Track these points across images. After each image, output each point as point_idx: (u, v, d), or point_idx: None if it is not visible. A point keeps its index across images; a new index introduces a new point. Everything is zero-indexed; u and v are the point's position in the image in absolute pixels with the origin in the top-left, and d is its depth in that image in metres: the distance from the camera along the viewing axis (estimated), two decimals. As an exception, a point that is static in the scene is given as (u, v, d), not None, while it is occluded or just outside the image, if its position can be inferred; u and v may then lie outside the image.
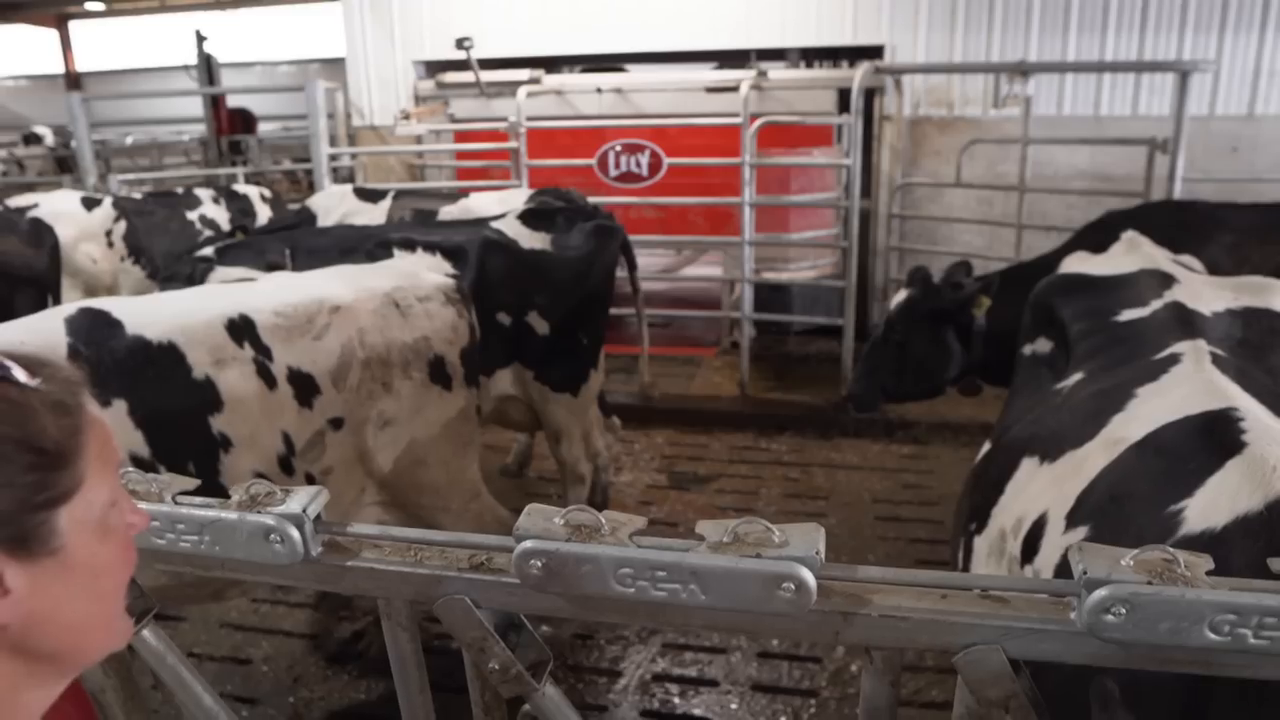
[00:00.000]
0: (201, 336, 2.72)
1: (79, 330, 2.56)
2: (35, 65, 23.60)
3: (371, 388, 3.02)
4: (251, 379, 2.77)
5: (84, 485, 0.84)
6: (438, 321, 3.30)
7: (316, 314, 2.95)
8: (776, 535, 1.17)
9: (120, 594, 0.91)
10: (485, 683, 1.36)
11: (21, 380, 0.80)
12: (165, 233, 7.36)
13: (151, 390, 2.59)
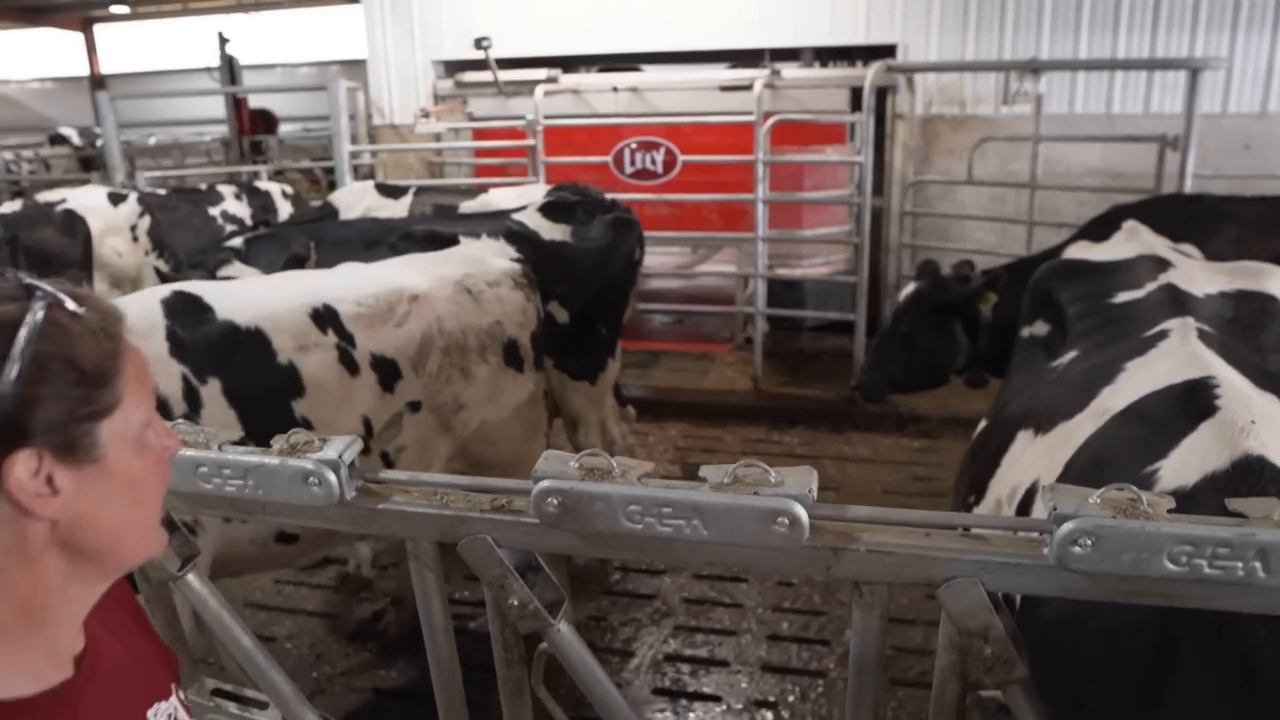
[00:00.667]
0: (286, 323, 2.84)
1: (175, 312, 2.69)
2: (61, 68, 23.91)
3: (450, 373, 3.14)
4: (333, 365, 2.88)
5: (122, 404, 0.94)
6: (509, 305, 3.40)
7: (397, 302, 3.06)
8: (773, 476, 1.27)
9: (155, 504, 1.02)
10: (505, 620, 1.48)
11: (70, 308, 0.92)
12: (188, 228, 7.53)
13: (241, 373, 2.71)
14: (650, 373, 8.03)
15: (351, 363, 2.94)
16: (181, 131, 16.66)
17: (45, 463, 0.88)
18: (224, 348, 2.72)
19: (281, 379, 2.79)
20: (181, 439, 1.51)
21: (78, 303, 0.92)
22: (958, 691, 1.38)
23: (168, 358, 2.63)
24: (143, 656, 1.13)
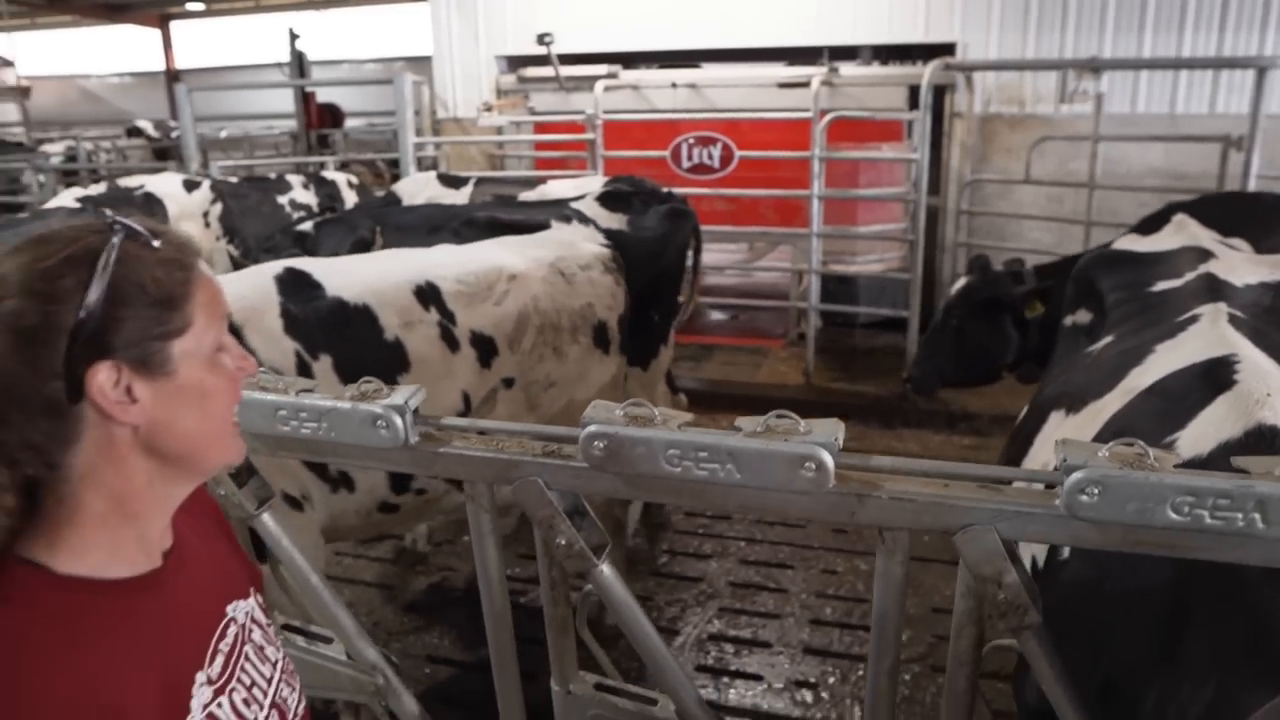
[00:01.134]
0: (392, 300, 2.93)
1: (288, 288, 2.80)
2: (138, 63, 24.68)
3: (543, 351, 3.24)
4: (435, 341, 2.97)
5: (192, 326, 1.05)
6: (599, 288, 3.52)
7: (496, 281, 3.17)
8: (802, 426, 1.38)
9: (225, 417, 1.12)
10: (553, 559, 1.60)
11: (146, 240, 1.04)
12: (258, 215, 7.80)
13: (350, 348, 2.81)
14: (704, 365, 8.13)
15: (452, 339, 3.02)
16: (251, 125, 17.12)
17: (124, 374, 1.01)
18: (333, 323, 2.81)
19: (387, 354, 2.87)
20: (262, 385, 1.67)
21: (154, 236, 1.05)
22: (974, 637, 1.47)
23: (281, 334, 2.72)
24: (224, 559, 1.26)
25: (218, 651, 1.11)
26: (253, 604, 1.24)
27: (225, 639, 1.13)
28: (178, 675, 1.05)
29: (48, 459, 1.01)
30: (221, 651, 1.11)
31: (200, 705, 1.05)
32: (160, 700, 1.01)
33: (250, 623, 1.20)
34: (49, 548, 1.02)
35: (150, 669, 1.01)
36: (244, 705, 1.11)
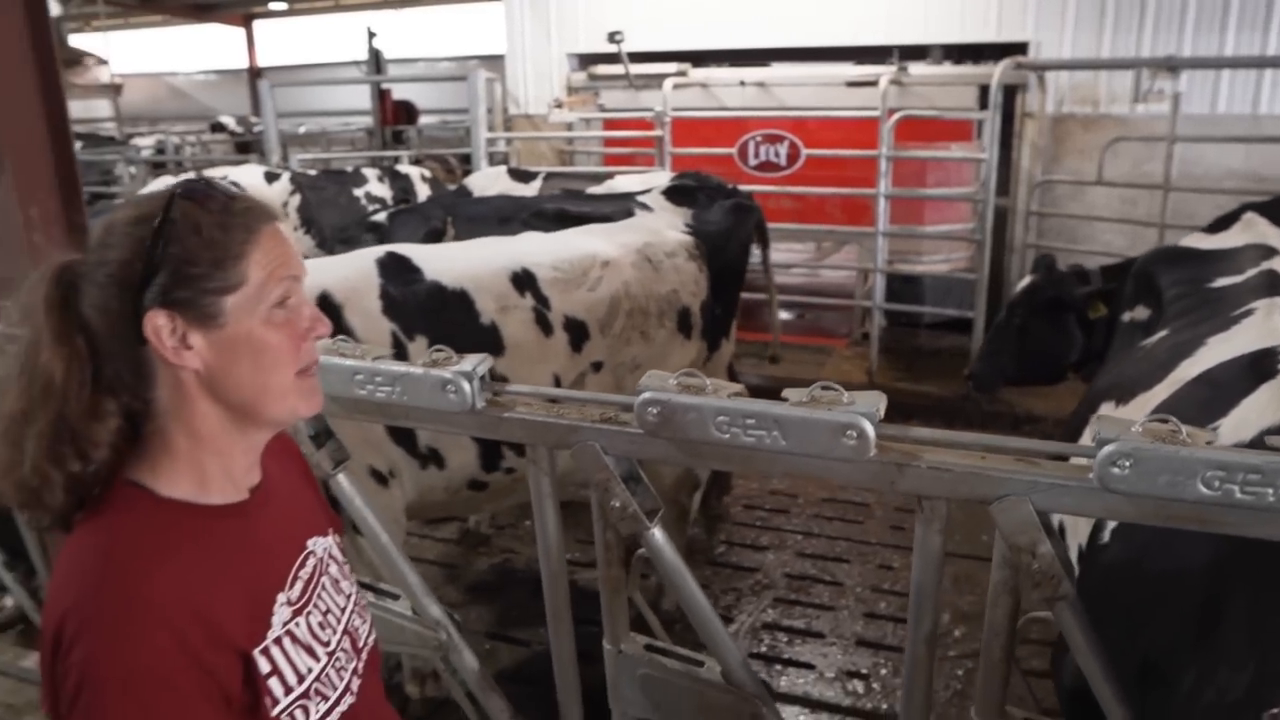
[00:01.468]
0: (489, 285, 3.04)
1: (389, 272, 2.93)
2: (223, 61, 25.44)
3: (630, 335, 3.34)
4: (530, 325, 3.07)
5: (246, 283, 1.13)
6: (684, 275, 3.61)
7: (590, 267, 3.27)
8: (845, 397, 1.45)
9: (284, 371, 1.17)
10: (607, 521, 1.69)
11: (205, 202, 1.13)
12: (334, 207, 8.04)
13: (446, 330, 2.90)
14: (767, 362, 8.17)
15: (546, 323, 3.13)
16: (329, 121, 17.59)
17: (178, 323, 1.11)
18: (431, 306, 2.93)
19: (483, 338, 2.97)
20: (341, 351, 1.79)
21: (215, 199, 1.15)
22: (1009, 607, 1.52)
23: (380, 315, 2.86)
24: (306, 501, 1.38)
25: (297, 578, 1.22)
26: (330, 543, 1.35)
27: (305, 568, 1.25)
28: (261, 593, 1.16)
29: (138, 393, 1.15)
30: (301, 578, 1.23)
31: (280, 622, 1.17)
32: (246, 612, 1.12)
33: (328, 558, 1.32)
34: (151, 472, 1.16)
35: (237, 583, 1.13)
36: (319, 627, 1.23)
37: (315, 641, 1.21)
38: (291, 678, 1.15)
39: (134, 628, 1.02)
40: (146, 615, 1.03)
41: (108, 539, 1.09)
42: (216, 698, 1.06)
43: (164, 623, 1.03)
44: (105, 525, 1.11)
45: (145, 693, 1.01)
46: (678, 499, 4.24)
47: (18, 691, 3.39)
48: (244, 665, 1.11)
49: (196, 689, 1.04)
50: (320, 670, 1.20)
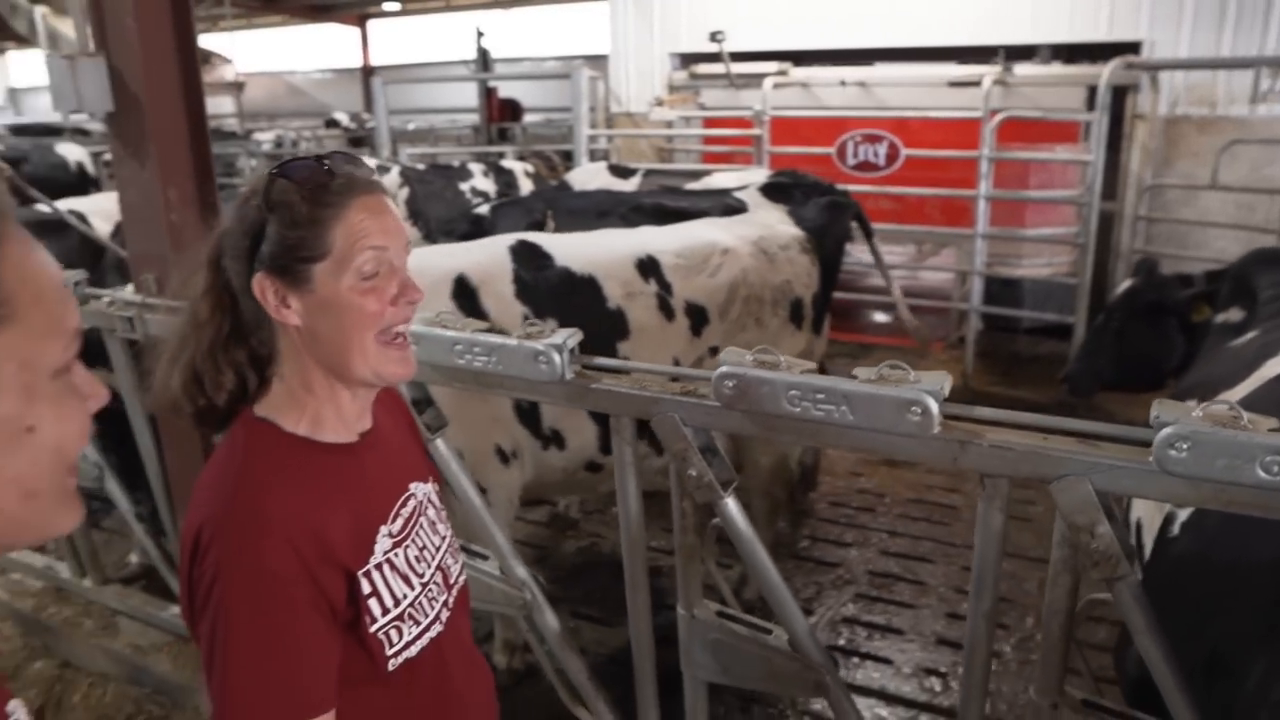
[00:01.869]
0: (615, 271, 3.19)
1: (521, 258, 3.11)
2: (338, 60, 26.38)
3: (746, 321, 3.46)
4: (653, 311, 3.21)
5: (332, 253, 1.26)
6: (797, 267, 3.73)
7: (711, 255, 3.40)
8: (912, 376, 1.52)
9: (365, 335, 1.28)
10: (684, 489, 1.80)
11: (296, 180, 1.26)
12: (441, 200, 8.32)
13: (575, 314, 3.04)
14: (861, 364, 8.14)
15: (668, 308, 3.26)
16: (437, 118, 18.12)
17: (278, 286, 1.27)
18: (561, 291, 3.09)
19: (610, 322, 3.12)
20: (443, 323, 1.94)
21: (311, 176, 1.27)
22: (1068, 585, 1.57)
23: (513, 298, 3.02)
24: (411, 450, 1.52)
25: (399, 515, 1.37)
26: (430, 489, 1.49)
27: (406, 507, 1.39)
28: (366, 523, 1.31)
29: (263, 341, 1.32)
30: (402, 515, 1.37)
31: (381, 550, 1.31)
32: (352, 538, 1.27)
33: (427, 502, 1.46)
34: (276, 410, 1.33)
35: (346, 511, 1.28)
36: (415, 560, 1.37)
37: (411, 572, 1.35)
38: (389, 600, 1.30)
39: (258, 537, 1.18)
40: (269, 527, 1.19)
41: (240, 464, 1.26)
42: (324, 607, 1.22)
43: (284, 535, 1.19)
44: (238, 452, 1.28)
45: (265, 592, 1.17)
46: (771, 491, 4.31)
47: (144, 634, 3.69)
48: (348, 584, 1.25)
49: (308, 596, 1.19)
50: (414, 598, 1.34)
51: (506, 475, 3.05)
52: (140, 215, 2.85)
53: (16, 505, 0.73)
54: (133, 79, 2.73)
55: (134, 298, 2.81)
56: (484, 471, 3.02)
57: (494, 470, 3.05)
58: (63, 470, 0.77)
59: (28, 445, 0.73)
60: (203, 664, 1.20)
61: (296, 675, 1.18)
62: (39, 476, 0.74)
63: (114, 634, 3.71)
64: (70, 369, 0.77)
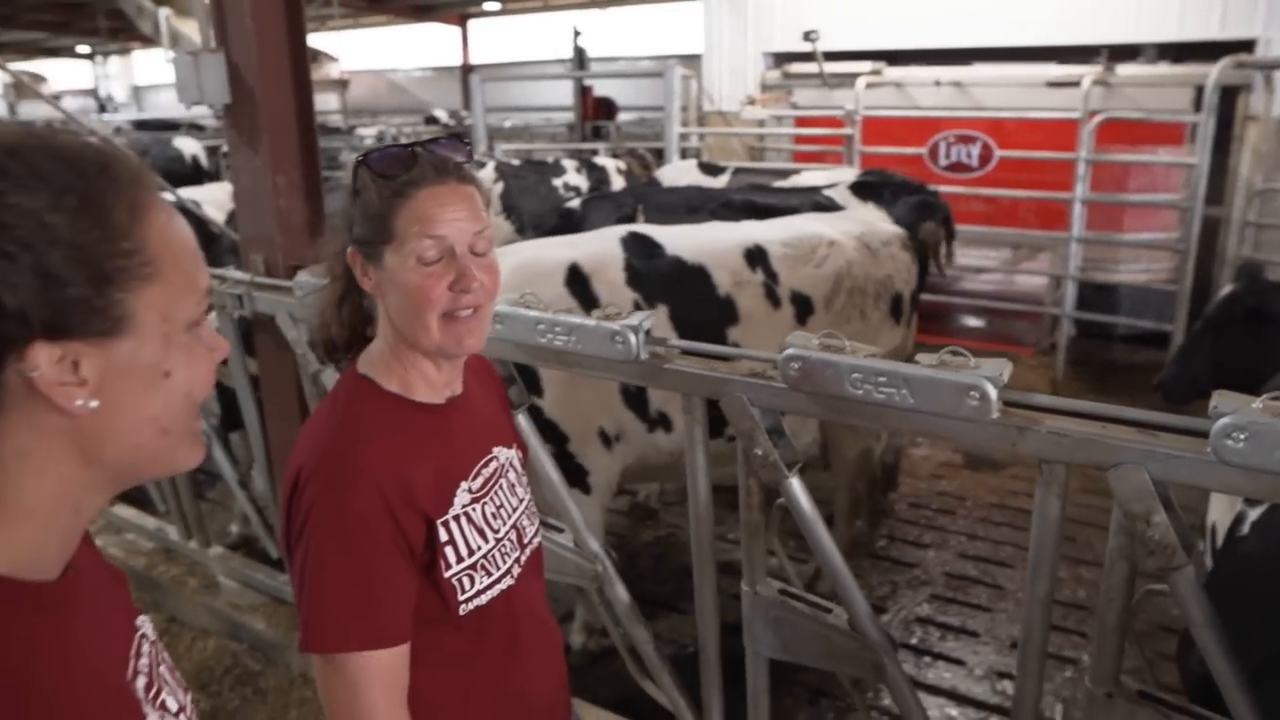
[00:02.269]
0: (724, 260, 3.30)
1: (631, 248, 3.25)
2: (438, 59, 27.05)
3: (850, 313, 3.54)
4: (760, 299, 3.32)
5: (395, 238, 1.36)
6: (899, 263, 3.79)
7: (817, 246, 3.48)
8: (972, 362, 1.57)
9: (425, 314, 1.37)
10: (751, 468, 1.87)
11: (372, 172, 1.39)
12: (535, 195, 8.52)
13: (685, 301, 3.21)
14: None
15: (775, 297, 3.35)
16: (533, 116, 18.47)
17: (360, 258, 1.41)
18: (672, 279, 3.21)
19: (720, 309, 3.24)
20: (526, 303, 2.06)
21: (386, 166, 1.39)
22: (1125, 574, 1.59)
23: (624, 285, 3.16)
24: (498, 417, 1.64)
25: (480, 474, 1.48)
26: (513, 455, 1.60)
27: (488, 468, 1.50)
28: (448, 478, 1.42)
29: (369, 304, 1.47)
30: (483, 475, 1.48)
31: (460, 504, 1.42)
32: (434, 490, 1.39)
33: (508, 466, 1.57)
34: (373, 368, 1.45)
35: (430, 464, 1.40)
36: (491, 516, 1.47)
37: (487, 527, 1.46)
38: (464, 550, 1.41)
39: (348, 480, 1.31)
40: (359, 473, 1.32)
41: (339, 414, 1.40)
42: (404, 549, 1.34)
43: (371, 480, 1.31)
44: (339, 404, 1.42)
45: (350, 530, 1.30)
46: (854, 485, 4.34)
47: (242, 594, 3.93)
48: (427, 530, 1.37)
49: (389, 537, 1.32)
50: (488, 550, 1.45)
51: (607, 458, 3.17)
52: (251, 200, 3.05)
53: (152, 440, 0.85)
54: (249, 73, 2.93)
55: (243, 276, 3.01)
56: (586, 453, 3.14)
57: (595, 452, 3.17)
58: (191, 412, 0.89)
59: (164, 388, 0.84)
60: (294, 590, 1.34)
61: (374, 605, 1.31)
62: (172, 416, 0.86)
63: (215, 593, 3.97)
64: (200, 323, 0.89)
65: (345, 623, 1.29)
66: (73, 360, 0.77)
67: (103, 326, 0.78)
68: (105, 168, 0.80)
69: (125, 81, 32.28)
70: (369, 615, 1.30)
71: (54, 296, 0.75)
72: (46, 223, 0.74)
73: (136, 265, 0.80)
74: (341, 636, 1.29)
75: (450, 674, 1.44)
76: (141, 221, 0.81)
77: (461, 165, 1.42)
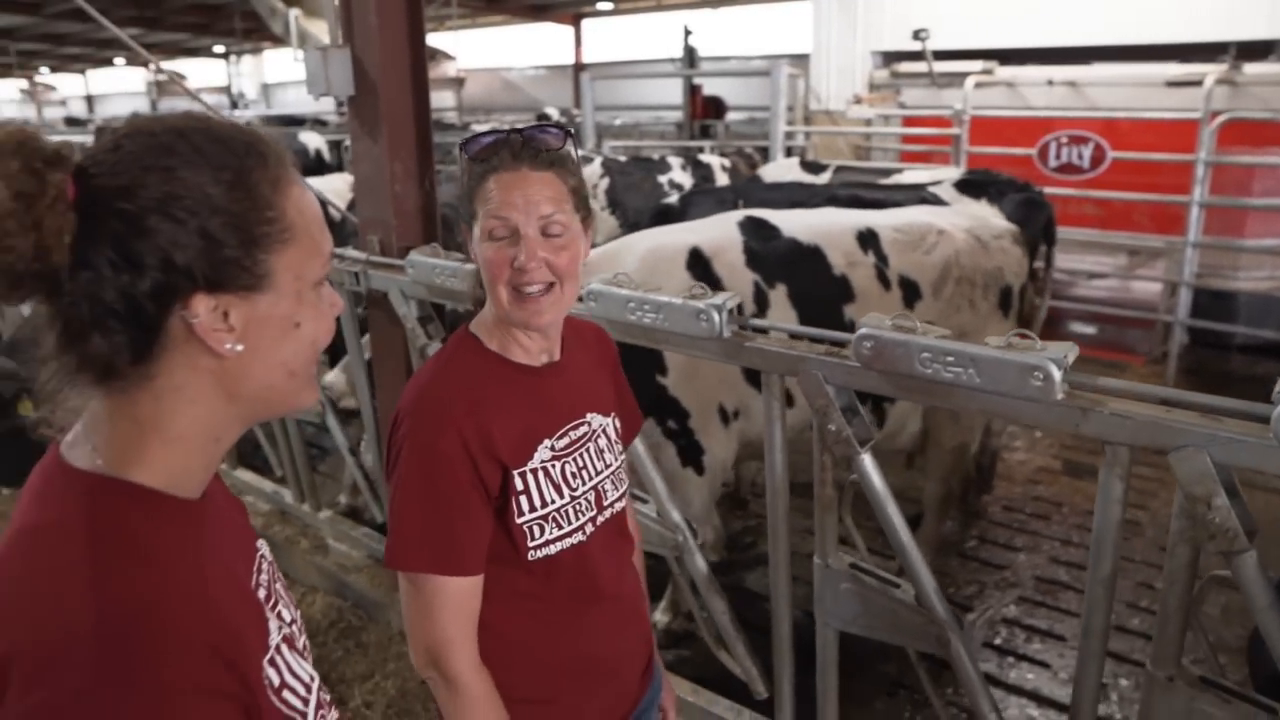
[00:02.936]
0: (838, 242, 3.44)
1: (749, 231, 3.40)
2: (551, 57, 27.55)
3: (959, 302, 3.62)
4: (873, 280, 3.44)
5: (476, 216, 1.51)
6: (1010, 257, 3.84)
7: (927, 234, 3.58)
8: (1039, 345, 1.63)
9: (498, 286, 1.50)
10: (824, 443, 1.96)
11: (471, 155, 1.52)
12: (639, 191, 8.67)
13: (802, 280, 3.36)
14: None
15: (885, 279, 3.46)
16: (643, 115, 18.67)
17: (465, 230, 1.55)
18: (789, 260, 3.35)
19: (836, 288, 3.37)
20: (618, 283, 2.18)
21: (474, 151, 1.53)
22: (1187, 557, 1.63)
23: (743, 267, 3.31)
24: (600, 384, 1.72)
25: (566, 434, 1.60)
26: (609, 422, 1.70)
27: (577, 430, 1.62)
28: (532, 434, 1.55)
29: None
30: (570, 436, 1.60)
31: (540, 459, 1.55)
32: (516, 442, 1.52)
33: (600, 432, 1.67)
34: (481, 329, 1.60)
35: (516, 419, 1.53)
36: (571, 476, 1.59)
37: (564, 484, 1.57)
38: (536, 500, 1.54)
39: (436, 423, 1.47)
40: (446, 417, 1.47)
41: (440, 366, 1.57)
42: (480, 489, 1.49)
43: (455, 426, 1.47)
44: (444, 357, 1.59)
45: (433, 468, 1.46)
46: (947, 479, 4.34)
47: (348, 556, 4.19)
48: (503, 477, 1.51)
49: (468, 477, 1.47)
50: (561, 505, 1.57)
51: (724, 435, 3.29)
52: (370, 185, 3.27)
53: (282, 381, 1.00)
54: (372, 67, 3.14)
55: (360, 255, 3.23)
56: (705, 429, 3.26)
57: (715, 429, 3.29)
58: (313, 359, 1.05)
59: (294, 337, 0.99)
60: (387, 514, 1.51)
61: (446, 535, 1.46)
62: (300, 361, 1.01)
63: (324, 553, 4.24)
64: (323, 283, 1.04)
65: (419, 546, 1.46)
66: (224, 310, 0.92)
67: (249, 282, 0.93)
68: (253, 148, 0.95)
69: (255, 79, 33.94)
70: (441, 543, 1.46)
71: (213, 255, 0.90)
72: (208, 194, 0.90)
73: (277, 231, 0.95)
74: (415, 557, 1.46)
75: (519, 613, 1.58)
76: (281, 194, 0.96)
77: (540, 152, 1.51)
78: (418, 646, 1.51)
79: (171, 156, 0.89)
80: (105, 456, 0.91)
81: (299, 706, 0.98)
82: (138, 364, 0.90)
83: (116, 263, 0.86)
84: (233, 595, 0.95)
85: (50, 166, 0.84)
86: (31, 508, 0.92)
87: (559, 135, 1.55)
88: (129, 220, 0.86)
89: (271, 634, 0.97)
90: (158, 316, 0.89)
